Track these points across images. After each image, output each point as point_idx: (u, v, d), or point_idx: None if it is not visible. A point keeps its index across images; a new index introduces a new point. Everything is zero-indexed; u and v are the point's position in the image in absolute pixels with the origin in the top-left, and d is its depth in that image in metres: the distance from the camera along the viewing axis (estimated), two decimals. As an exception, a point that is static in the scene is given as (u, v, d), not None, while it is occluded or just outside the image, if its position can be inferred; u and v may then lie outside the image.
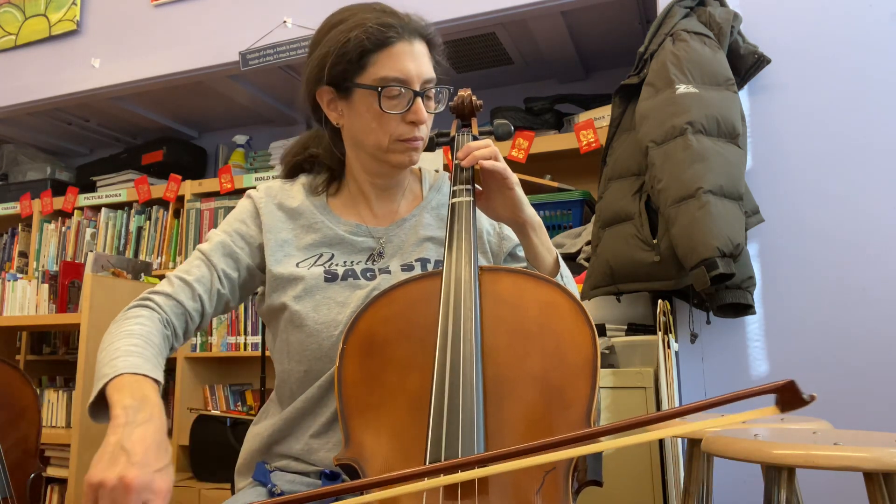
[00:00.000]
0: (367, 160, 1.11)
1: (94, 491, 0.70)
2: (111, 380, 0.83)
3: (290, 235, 1.11)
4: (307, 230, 1.11)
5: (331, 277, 1.06)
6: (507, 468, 0.58)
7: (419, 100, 1.04)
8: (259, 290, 1.14)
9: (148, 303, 1.01)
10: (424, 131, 1.07)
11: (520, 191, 1.02)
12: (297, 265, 1.08)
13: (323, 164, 1.18)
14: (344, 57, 1.05)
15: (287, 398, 1.07)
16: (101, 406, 0.85)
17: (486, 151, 1.00)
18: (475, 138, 1.13)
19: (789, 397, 0.52)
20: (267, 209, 1.12)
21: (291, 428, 1.05)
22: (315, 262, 1.08)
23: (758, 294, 1.79)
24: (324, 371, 1.03)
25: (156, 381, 0.86)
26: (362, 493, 0.63)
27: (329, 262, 1.09)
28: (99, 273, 2.50)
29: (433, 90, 1.08)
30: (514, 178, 1.01)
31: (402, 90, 1.04)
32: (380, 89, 1.03)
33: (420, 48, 1.06)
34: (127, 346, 0.90)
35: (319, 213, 1.13)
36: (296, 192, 1.15)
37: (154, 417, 0.78)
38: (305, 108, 1.15)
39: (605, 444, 0.60)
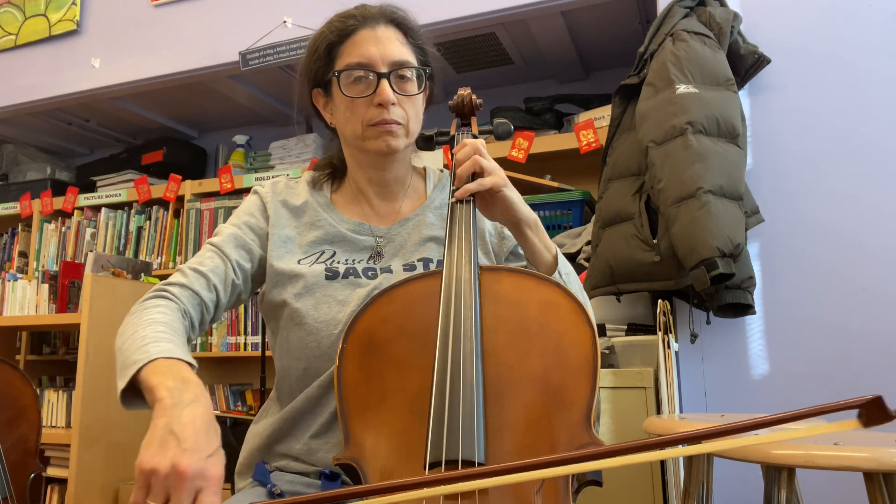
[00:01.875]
0: (356, 153, 1.13)
1: (147, 478, 0.68)
2: (145, 365, 0.81)
3: (293, 233, 1.11)
4: (310, 227, 1.12)
5: (332, 275, 1.06)
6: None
7: (384, 81, 1.05)
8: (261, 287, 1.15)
9: (165, 293, 0.99)
10: (398, 114, 1.06)
11: (509, 191, 0.99)
12: (299, 262, 1.08)
13: (328, 162, 1.20)
14: (315, 55, 1.10)
15: (286, 396, 1.07)
16: (131, 394, 0.83)
17: (468, 166, 0.97)
18: (475, 137, 1.13)
19: (875, 413, 0.49)
20: (273, 205, 1.13)
21: (291, 427, 1.05)
22: (316, 259, 1.09)
23: (758, 294, 1.79)
24: (323, 369, 1.03)
25: (191, 365, 0.83)
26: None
27: (330, 260, 1.09)
28: (99, 273, 2.50)
29: (407, 71, 1.08)
30: (502, 181, 0.98)
31: (366, 73, 1.05)
32: (338, 74, 1.06)
33: (386, 32, 1.08)
34: (154, 332, 0.87)
35: (323, 211, 1.13)
36: (300, 189, 1.17)
37: (200, 398, 0.76)
38: (311, 115, 1.17)
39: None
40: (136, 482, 0.69)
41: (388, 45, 1.06)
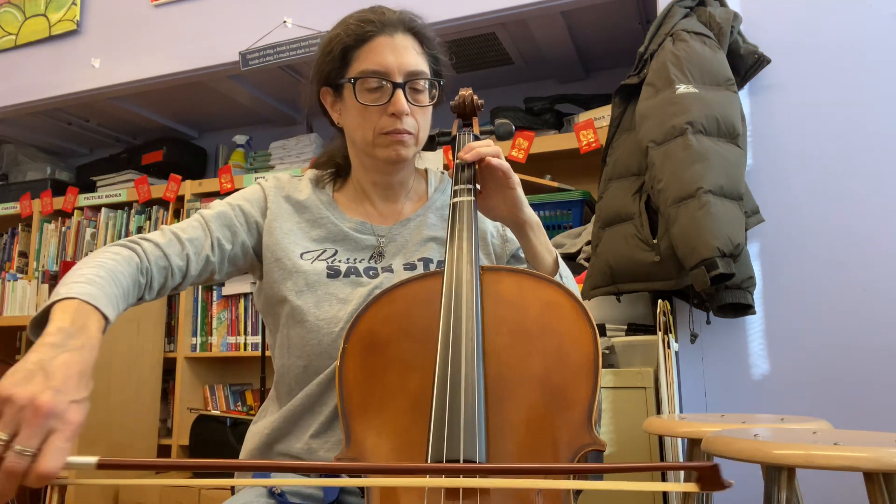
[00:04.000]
0: (363, 157, 1.13)
1: (0, 405, 0.64)
2: (61, 300, 0.79)
3: (295, 227, 1.12)
4: (312, 225, 1.12)
5: (333, 273, 1.06)
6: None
7: (399, 91, 1.04)
8: (256, 283, 1.14)
9: (134, 246, 0.97)
10: (410, 124, 1.07)
11: (520, 190, 1.02)
12: (301, 256, 1.08)
13: (331, 160, 1.20)
14: (329, 56, 1.09)
15: (286, 394, 1.08)
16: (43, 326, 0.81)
17: (490, 149, 1.00)
18: (476, 138, 1.14)
19: (711, 478, 0.57)
20: (275, 199, 1.13)
21: (291, 426, 1.05)
22: (318, 256, 1.09)
23: (758, 294, 1.79)
24: (323, 367, 1.03)
25: (105, 317, 0.81)
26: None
27: (332, 258, 1.09)
28: (99, 273, 2.49)
29: (421, 82, 1.08)
30: (516, 177, 1.01)
31: (382, 82, 1.05)
32: (353, 81, 1.05)
33: (403, 41, 1.07)
34: (91, 275, 0.85)
35: (325, 209, 1.13)
36: (303, 186, 1.17)
37: (86, 348, 0.74)
38: (316, 112, 1.17)
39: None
40: None
41: (405, 55, 1.06)
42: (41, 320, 0.80)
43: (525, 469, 0.58)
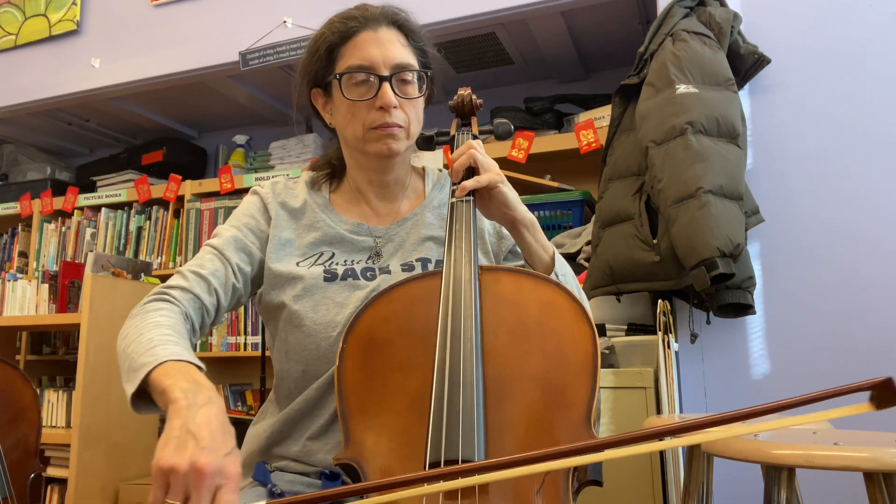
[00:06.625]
0: (356, 155, 1.13)
1: (165, 476, 0.68)
2: (155, 367, 0.81)
3: (292, 235, 1.11)
4: (308, 229, 1.12)
5: (330, 277, 1.06)
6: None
7: (385, 84, 1.04)
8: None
9: (166, 297, 0.99)
10: (400, 117, 1.06)
11: (507, 188, 1.00)
12: (297, 264, 1.08)
13: (327, 162, 1.20)
14: (316, 56, 1.09)
15: (285, 398, 1.07)
16: (140, 398, 0.84)
17: (469, 153, 1.00)
18: (475, 137, 1.13)
19: (886, 395, 0.49)
20: (273, 205, 1.13)
21: (289, 429, 1.05)
22: (315, 261, 1.09)
23: (758, 294, 1.79)
24: (321, 372, 1.02)
25: (199, 367, 0.83)
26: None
27: (329, 262, 1.09)
28: (99, 273, 2.50)
29: (408, 74, 1.07)
30: (498, 177, 1.00)
31: (367, 76, 1.05)
32: (339, 77, 1.06)
33: (387, 34, 1.07)
34: (160, 336, 0.87)
35: (321, 212, 1.13)
36: (299, 190, 1.16)
37: (213, 399, 0.76)
38: (310, 115, 1.17)
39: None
40: (153, 481, 0.69)
41: (390, 48, 1.06)
42: (138, 394, 0.83)
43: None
